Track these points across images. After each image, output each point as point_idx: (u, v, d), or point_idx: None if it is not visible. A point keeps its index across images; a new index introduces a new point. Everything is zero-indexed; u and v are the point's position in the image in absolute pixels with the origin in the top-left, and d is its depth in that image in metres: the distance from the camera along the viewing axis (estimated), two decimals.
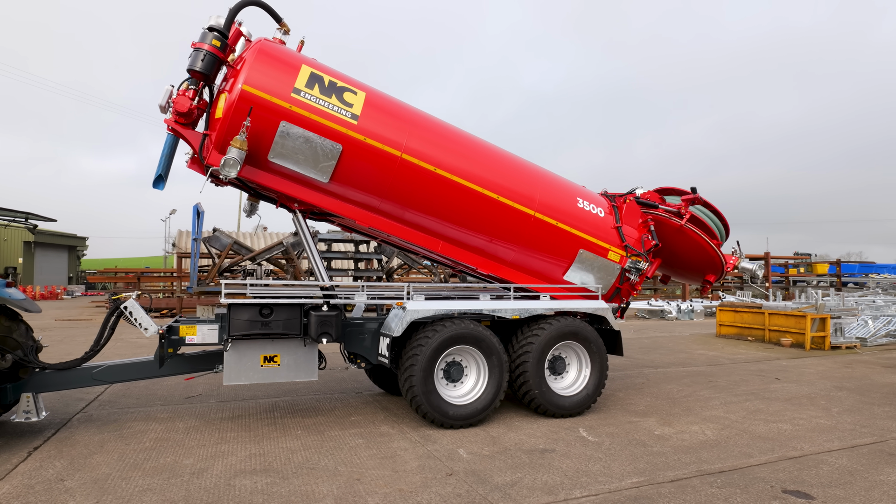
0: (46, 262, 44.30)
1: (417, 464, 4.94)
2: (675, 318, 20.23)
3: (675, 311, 20.32)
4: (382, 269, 19.59)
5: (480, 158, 6.66)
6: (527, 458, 5.11)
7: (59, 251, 46.52)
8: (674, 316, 20.21)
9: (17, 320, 6.05)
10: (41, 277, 42.69)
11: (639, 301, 21.78)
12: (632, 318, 20.92)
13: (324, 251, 17.66)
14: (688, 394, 7.84)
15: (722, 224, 8.24)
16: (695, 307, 20.68)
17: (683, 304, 20.87)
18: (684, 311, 20.41)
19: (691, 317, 20.38)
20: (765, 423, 6.36)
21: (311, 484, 4.47)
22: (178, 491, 4.31)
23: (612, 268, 7.20)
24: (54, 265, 45.29)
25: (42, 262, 43.70)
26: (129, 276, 26.41)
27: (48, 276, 43.66)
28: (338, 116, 5.98)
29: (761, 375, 9.27)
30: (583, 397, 6.65)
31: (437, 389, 6.01)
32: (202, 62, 5.74)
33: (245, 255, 16.48)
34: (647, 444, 5.57)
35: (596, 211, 7.23)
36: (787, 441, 5.68)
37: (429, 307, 6.13)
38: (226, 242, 16.27)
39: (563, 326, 6.56)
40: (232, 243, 16.18)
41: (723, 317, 14.93)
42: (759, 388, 8.21)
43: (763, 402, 7.38)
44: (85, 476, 4.60)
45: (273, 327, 5.69)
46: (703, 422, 6.38)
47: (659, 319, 20.44)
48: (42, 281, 42.02)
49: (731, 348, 12.66)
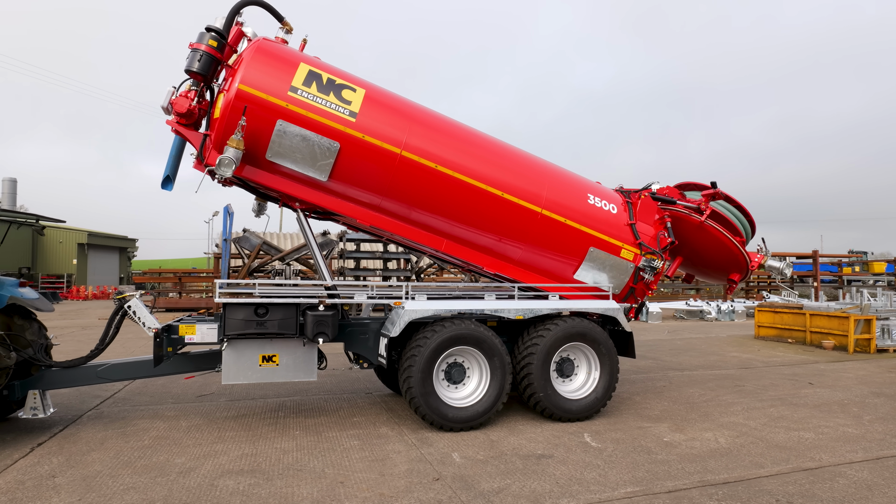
0: (99, 263, 46.16)
1: (406, 467, 4.82)
2: (715, 318, 19.49)
3: (714, 311, 19.58)
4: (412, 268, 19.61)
5: (484, 155, 6.49)
6: (521, 464, 4.92)
7: (110, 252, 48.40)
8: (713, 316, 19.47)
9: (30, 319, 6.23)
10: (94, 278, 44.54)
11: (677, 301, 21.09)
12: (669, 318, 20.27)
13: (352, 251, 17.81)
14: (709, 398, 7.46)
15: (747, 220, 7.83)
16: (736, 307, 19.88)
17: (724, 304, 20.08)
18: (725, 312, 19.64)
19: (732, 317, 19.60)
20: (786, 430, 5.97)
21: (294, 486, 4.40)
22: (160, 490, 4.31)
23: (625, 266, 6.91)
24: (106, 266, 47.14)
25: (95, 263, 45.56)
26: (172, 276, 27.22)
27: (100, 277, 45.50)
28: (335, 114, 5.91)
29: (794, 380, 8.77)
30: (591, 401, 6.40)
31: (435, 391, 5.87)
32: (199, 63, 5.76)
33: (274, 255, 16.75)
34: (652, 451, 5.29)
35: (608, 208, 6.95)
36: (805, 451, 5.31)
37: (427, 307, 6.00)
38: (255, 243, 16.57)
39: (569, 327, 6.33)
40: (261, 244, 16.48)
41: (762, 318, 14.28)
42: (788, 394, 7.75)
43: (789, 408, 6.96)
44: (76, 473, 4.66)
45: (268, 327, 5.66)
46: (719, 428, 6.04)
47: (698, 320, 19.74)
48: (94, 281, 43.84)
49: (767, 351, 12.07)
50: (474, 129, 6.87)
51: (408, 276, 18.37)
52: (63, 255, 43.83)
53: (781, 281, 24.40)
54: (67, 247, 43.98)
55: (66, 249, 43.97)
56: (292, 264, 16.88)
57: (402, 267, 19.12)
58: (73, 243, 43.80)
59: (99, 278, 44.99)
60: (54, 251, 44.14)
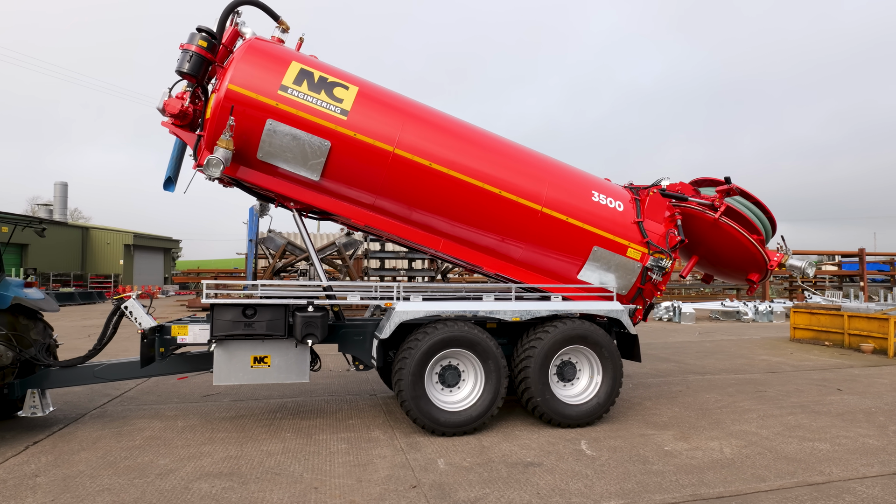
0: (144, 264, 47.69)
1: (387, 473, 4.70)
2: (752, 319, 18.72)
3: (751, 312, 18.81)
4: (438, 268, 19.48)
5: (482, 152, 6.31)
6: (506, 472, 4.73)
7: (155, 253, 49.95)
8: (750, 318, 18.70)
9: (35, 319, 6.36)
10: (139, 278, 46.04)
11: (713, 301, 20.37)
12: (704, 319, 19.58)
13: (377, 251, 17.81)
14: (725, 404, 7.09)
15: (766, 217, 7.40)
16: (775, 308, 19.05)
17: (762, 304, 19.27)
18: (762, 313, 18.84)
19: (770, 318, 18.79)
20: (799, 440, 5.60)
21: (266, 491, 4.33)
22: (134, 492, 4.30)
23: (631, 266, 6.62)
24: (151, 266, 48.67)
25: (140, 263, 47.09)
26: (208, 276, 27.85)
27: (145, 277, 47.01)
28: (326, 112, 5.84)
29: (822, 385, 8.27)
30: (592, 406, 6.14)
31: (427, 394, 5.73)
32: (189, 63, 5.76)
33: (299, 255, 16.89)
34: (649, 461, 5.02)
35: (613, 205, 6.67)
36: (815, 463, 4.94)
37: (419, 308, 5.86)
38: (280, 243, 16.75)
39: (569, 329, 6.09)
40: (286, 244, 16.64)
41: (797, 319, 13.61)
42: (812, 400, 7.30)
43: (809, 416, 6.54)
44: (59, 473, 4.70)
45: (256, 328, 5.62)
46: (727, 437, 5.71)
47: (734, 321, 19.00)
48: (140, 281, 45.31)
49: (800, 354, 11.47)
50: (474, 126, 6.70)
51: (433, 276, 18.27)
52: (110, 256, 45.49)
53: (803, 280, 23.32)
54: (115, 248, 45.62)
55: (113, 250, 45.63)
56: None
57: (429, 267, 19.03)
58: (120, 244, 45.40)
59: (144, 278, 46.49)
60: (102, 252, 45.86)
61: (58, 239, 42.86)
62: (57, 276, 39.44)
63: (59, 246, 42.93)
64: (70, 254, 43.95)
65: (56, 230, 43.62)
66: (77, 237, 45.21)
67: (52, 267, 40.68)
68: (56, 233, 43.19)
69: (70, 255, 43.91)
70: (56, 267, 41.16)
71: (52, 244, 41.84)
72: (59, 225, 44.86)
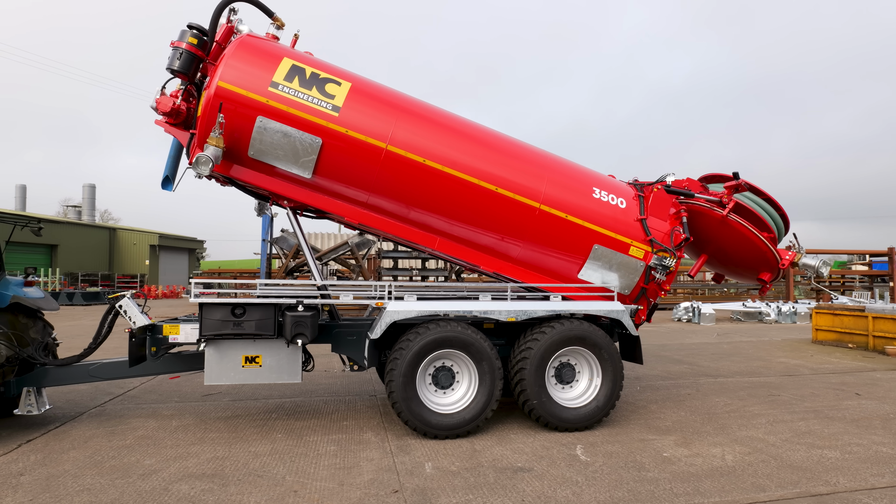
0: (169, 264, 48.50)
1: (370, 477, 4.58)
2: (775, 321, 18.20)
3: (774, 313, 18.28)
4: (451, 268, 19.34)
5: (479, 149, 6.17)
6: (493, 478, 4.58)
7: (180, 253, 50.77)
8: (773, 319, 18.18)
9: (35, 318, 6.40)
10: (165, 278, 46.84)
11: (734, 302, 19.86)
12: (725, 320, 19.10)
13: (390, 250, 17.75)
14: (734, 409, 6.83)
15: (779, 214, 7.11)
16: (799, 309, 18.49)
17: (785, 305, 18.72)
18: (786, 314, 18.31)
19: (794, 320, 18.24)
20: (807, 448, 5.34)
21: (245, 493, 4.25)
22: (113, 493, 4.26)
23: (634, 265, 6.40)
24: (176, 266, 49.47)
25: (166, 263, 47.91)
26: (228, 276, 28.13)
27: (171, 277, 47.80)
28: (317, 109, 5.75)
29: (840, 389, 7.93)
30: (591, 410, 5.95)
31: (418, 396, 5.61)
32: (179, 61, 5.74)
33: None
34: (645, 468, 4.82)
35: (615, 202, 6.47)
36: (821, 473, 4.69)
37: (411, 308, 5.74)
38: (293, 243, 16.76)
39: (566, 330, 5.91)
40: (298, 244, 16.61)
41: (820, 320, 13.16)
42: (827, 405, 6.99)
43: (822, 421, 6.25)
44: (44, 472, 4.69)
45: (245, 328, 5.56)
46: (731, 443, 5.47)
47: (756, 322, 18.50)
48: (165, 281, 46.10)
49: (821, 356, 11.07)
50: (472, 123, 6.56)
51: (446, 276, 18.14)
52: (137, 257, 46.36)
53: (817, 280, 22.60)
54: (141, 248, 46.48)
55: (139, 251, 46.49)
56: (330, 264, 16.99)
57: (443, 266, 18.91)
58: (146, 245, 46.25)
59: (169, 278, 47.28)
60: (129, 253, 46.77)
61: (86, 240, 43.85)
62: (85, 276, 40.33)
63: (88, 246, 43.90)
64: (98, 254, 44.91)
65: (84, 231, 44.62)
66: (105, 238, 46.18)
67: (81, 267, 41.60)
68: (84, 234, 44.19)
69: (98, 255, 44.87)
70: (84, 267, 42.09)
71: (80, 245, 42.80)
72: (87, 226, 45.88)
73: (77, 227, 44.41)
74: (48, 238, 39.65)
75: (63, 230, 41.56)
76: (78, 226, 44.82)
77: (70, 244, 41.42)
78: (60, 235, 40.60)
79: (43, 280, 31.77)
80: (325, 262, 16.54)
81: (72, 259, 41.17)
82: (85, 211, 51.15)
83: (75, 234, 42.80)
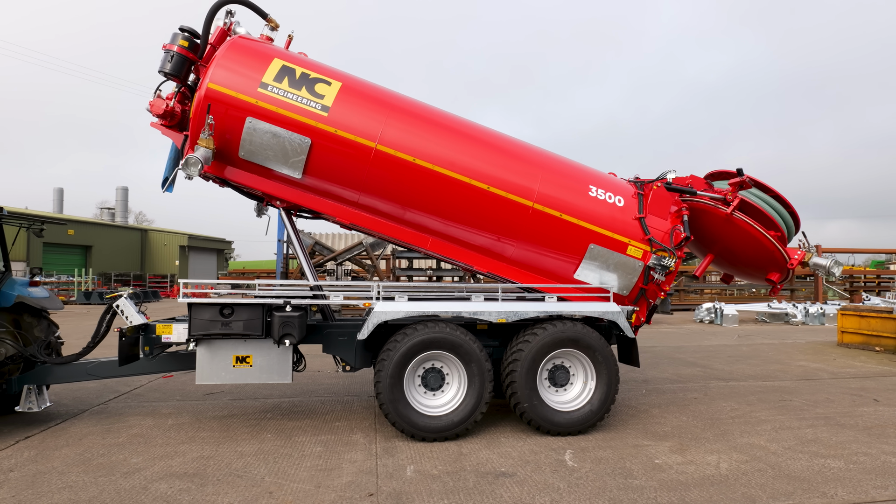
0: (198, 264, 49.42)
1: (349, 480, 4.53)
2: (802, 322, 17.62)
3: (801, 314, 17.70)
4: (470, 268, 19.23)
5: (470, 146, 6.08)
6: (473, 483, 4.49)
7: (209, 254, 51.70)
8: (799, 320, 17.61)
9: (40, 317, 6.53)
10: (193, 278, 47.76)
11: (758, 303, 19.31)
12: (749, 322, 18.58)
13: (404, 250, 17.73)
14: (740, 414, 6.59)
15: (788, 212, 6.85)
16: (827, 310, 17.87)
17: (812, 306, 18.11)
18: (813, 315, 17.71)
19: (822, 321, 17.63)
20: (810, 457, 5.10)
21: (221, 494, 4.24)
22: (92, 490, 4.30)
23: (632, 265, 6.23)
24: (205, 266, 50.37)
25: (195, 263, 48.84)
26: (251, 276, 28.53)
27: (200, 276, 48.70)
28: (306, 109, 5.74)
29: (857, 395, 7.60)
30: (585, 414, 5.81)
31: (406, 398, 5.54)
32: (170, 63, 5.78)
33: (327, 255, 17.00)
34: (632, 475, 4.67)
35: (612, 200, 6.31)
36: (820, 483, 4.47)
37: (398, 309, 5.68)
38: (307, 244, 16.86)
39: (558, 332, 5.78)
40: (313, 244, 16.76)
41: (846, 322, 12.68)
42: (840, 412, 6.70)
43: (831, 429, 5.99)
44: (33, 469, 4.76)
45: (234, 328, 5.57)
46: (729, 451, 5.27)
47: (782, 324, 17.94)
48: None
49: (844, 360, 10.65)
50: (467, 121, 6.48)
51: (462, 275, 18.05)
52: (167, 257, 47.41)
53: (828, 281, 21.78)
54: (171, 249, 47.52)
55: (169, 251, 47.53)
56: (344, 264, 17.06)
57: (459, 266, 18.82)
58: (176, 245, 47.25)
59: (198, 278, 48.21)
60: (160, 253, 47.86)
61: (119, 240, 45.03)
62: (118, 276, 41.37)
63: (121, 247, 45.08)
64: (130, 255, 46.07)
65: (117, 232, 45.83)
66: (137, 239, 47.34)
67: (114, 267, 42.72)
68: (117, 235, 45.37)
69: (130, 255, 46.04)
70: (117, 267, 43.21)
71: (113, 246, 43.98)
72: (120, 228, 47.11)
73: (110, 228, 45.65)
74: (83, 239, 40.88)
75: (97, 231, 42.77)
76: (111, 227, 46.08)
77: (104, 245, 42.60)
78: (95, 237, 41.80)
79: (77, 280, 32.64)
80: (341, 262, 16.62)
81: (105, 259, 42.32)
82: (118, 213, 52.51)
83: (109, 235, 44.01)
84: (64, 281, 33.03)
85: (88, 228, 41.86)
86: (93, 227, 42.92)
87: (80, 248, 41.20)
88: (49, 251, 37.97)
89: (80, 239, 40.55)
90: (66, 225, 36.03)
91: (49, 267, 36.32)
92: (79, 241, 40.50)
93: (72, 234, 39.70)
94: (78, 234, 40.33)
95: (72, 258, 39.83)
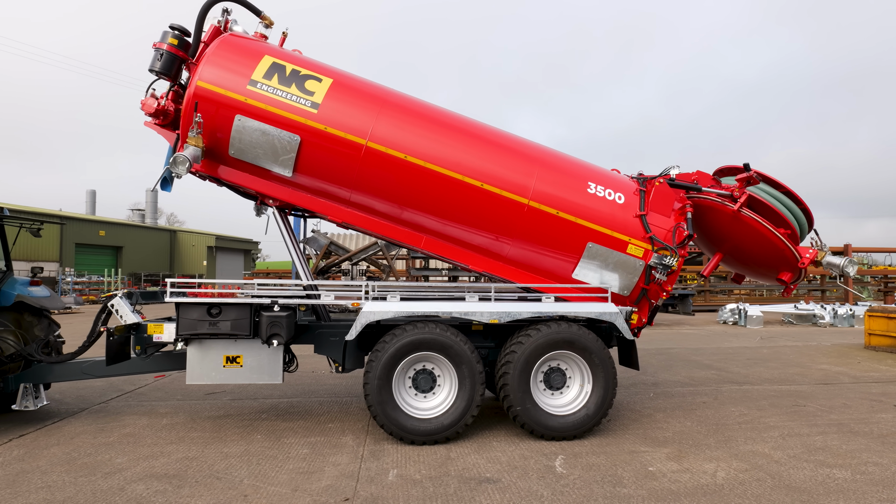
0: (226, 264, 50.18)
1: (328, 483, 4.44)
2: (830, 324, 17.00)
3: (829, 316, 17.08)
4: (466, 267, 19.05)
5: (463, 142, 5.95)
6: (454, 489, 4.35)
7: (236, 254, 52.46)
8: (827, 322, 16.99)
9: (40, 316, 6.61)
10: (221, 277, 48.51)
11: (785, 304, 18.71)
12: (774, 323, 18.01)
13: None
14: (748, 420, 6.31)
15: (800, 209, 6.54)
16: (857, 312, 17.21)
17: (841, 308, 17.46)
18: (842, 317, 17.07)
19: (851, 323, 16.98)
20: (815, 466, 4.83)
21: (196, 496, 4.19)
22: (69, 490, 4.29)
23: (633, 264, 6.01)
24: (232, 266, 51.12)
25: (222, 264, 49.60)
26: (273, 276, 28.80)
27: (227, 277, 49.45)
28: (295, 106, 5.68)
29: (878, 401, 7.23)
30: (580, 418, 5.61)
31: (394, 400, 5.43)
32: (160, 62, 5.76)
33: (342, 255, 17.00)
34: (622, 483, 4.47)
35: (612, 197, 6.10)
36: (821, 495, 4.21)
37: (387, 309, 5.56)
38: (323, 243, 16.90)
39: (553, 334, 5.60)
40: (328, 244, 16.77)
41: (873, 324, 12.16)
42: (856, 418, 6.37)
43: (843, 436, 5.68)
44: (18, 467, 4.78)
45: (221, 327, 5.52)
46: (729, 459, 5.02)
47: (810, 325, 17.34)
48: None
49: (869, 363, 10.19)
50: (461, 116, 6.35)
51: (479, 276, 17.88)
52: (195, 257, 48.21)
53: (842, 279, 20.92)
54: (199, 249, 48.31)
55: (197, 252, 48.33)
56: (360, 264, 17.05)
57: None
58: (204, 246, 48.03)
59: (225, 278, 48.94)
60: (188, 254, 48.68)
61: (149, 242, 45.95)
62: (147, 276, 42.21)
63: (150, 248, 45.98)
64: (160, 255, 46.96)
65: (147, 233, 46.77)
66: (166, 240, 48.24)
67: (144, 267, 43.59)
68: (147, 236, 46.31)
69: (160, 256, 46.93)
70: (147, 267, 44.08)
71: (143, 246, 44.89)
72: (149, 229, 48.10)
73: (140, 229, 46.61)
74: (114, 240, 41.81)
75: (128, 232, 43.72)
76: (141, 228, 47.04)
77: (134, 246, 43.52)
78: (125, 238, 42.73)
79: (106, 280, 33.39)
80: (356, 262, 16.61)
81: (135, 260, 43.20)
82: (148, 214, 53.57)
83: (139, 236, 44.95)
84: (95, 281, 33.83)
85: (119, 229, 42.79)
86: (123, 229, 43.89)
87: (111, 248, 42.14)
88: (81, 252, 38.89)
89: (111, 240, 41.47)
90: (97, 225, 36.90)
91: (81, 267, 37.18)
92: (110, 241, 41.44)
93: (103, 234, 40.65)
94: (109, 235, 41.27)
95: (103, 258, 40.75)
